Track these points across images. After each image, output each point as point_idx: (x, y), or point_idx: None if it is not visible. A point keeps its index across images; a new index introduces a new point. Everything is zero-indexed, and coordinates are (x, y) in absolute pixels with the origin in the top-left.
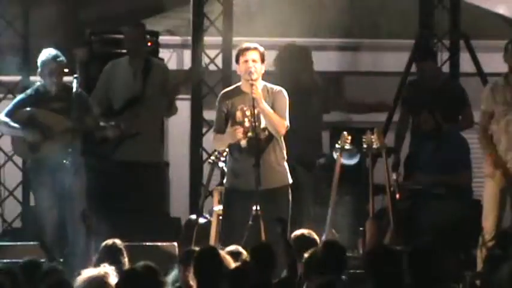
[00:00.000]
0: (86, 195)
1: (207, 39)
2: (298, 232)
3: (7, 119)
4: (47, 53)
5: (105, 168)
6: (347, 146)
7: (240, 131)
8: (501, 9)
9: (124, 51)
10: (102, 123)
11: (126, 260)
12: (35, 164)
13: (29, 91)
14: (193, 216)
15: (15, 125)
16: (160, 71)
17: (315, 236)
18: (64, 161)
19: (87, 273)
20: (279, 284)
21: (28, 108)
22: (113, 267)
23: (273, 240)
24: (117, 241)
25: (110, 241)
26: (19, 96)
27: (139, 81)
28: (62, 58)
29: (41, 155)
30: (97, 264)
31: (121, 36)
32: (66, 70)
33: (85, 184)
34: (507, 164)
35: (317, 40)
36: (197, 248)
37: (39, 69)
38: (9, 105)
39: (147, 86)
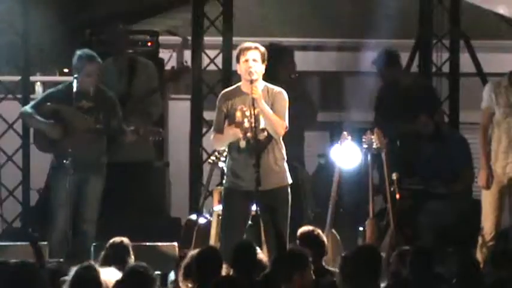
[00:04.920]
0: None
1: (207, 39)
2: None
3: (32, 112)
4: (82, 52)
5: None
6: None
7: (236, 129)
8: (501, 9)
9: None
10: (124, 127)
11: (132, 259)
12: (58, 160)
13: (60, 86)
14: (193, 216)
15: (39, 118)
16: (146, 69)
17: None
18: (84, 160)
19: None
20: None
21: (54, 104)
22: (112, 268)
23: (273, 240)
24: (125, 240)
25: (117, 239)
26: (49, 90)
27: (125, 81)
28: (97, 59)
29: (60, 151)
30: (103, 262)
31: None
32: (97, 70)
33: (103, 185)
34: (500, 172)
35: (317, 40)
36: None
37: (73, 68)
38: (38, 97)
39: (133, 84)
